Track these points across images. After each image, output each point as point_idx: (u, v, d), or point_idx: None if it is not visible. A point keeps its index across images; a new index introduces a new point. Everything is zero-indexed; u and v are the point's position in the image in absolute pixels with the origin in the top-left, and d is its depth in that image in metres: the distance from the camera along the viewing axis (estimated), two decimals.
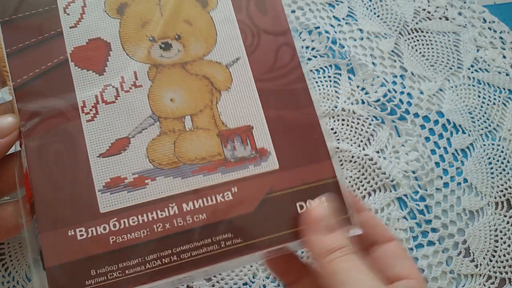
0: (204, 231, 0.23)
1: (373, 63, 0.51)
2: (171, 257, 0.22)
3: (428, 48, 0.52)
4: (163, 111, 0.25)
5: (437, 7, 0.55)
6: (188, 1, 0.26)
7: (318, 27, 0.52)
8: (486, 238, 0.43)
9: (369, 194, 0.44)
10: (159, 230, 0.23)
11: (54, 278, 0.21)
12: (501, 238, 0.43)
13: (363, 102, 0.49)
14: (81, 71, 0.24)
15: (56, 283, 0.21)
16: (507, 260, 0.42)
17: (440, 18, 0.54)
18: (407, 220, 0.44)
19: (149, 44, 0.25)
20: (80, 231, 0.22)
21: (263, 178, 0.25)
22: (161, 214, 0.23)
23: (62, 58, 0.24)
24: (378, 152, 0.46)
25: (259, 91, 0.26)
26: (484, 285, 0.42)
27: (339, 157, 0.45)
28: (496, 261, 0.42)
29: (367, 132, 0.47)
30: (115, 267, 0.21)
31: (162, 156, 0.24)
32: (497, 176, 0.46)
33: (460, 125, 0.48)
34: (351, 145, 0.46)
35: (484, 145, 0.48)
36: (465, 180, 0.46)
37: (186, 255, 0.22)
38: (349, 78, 0.50)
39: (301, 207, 0.24)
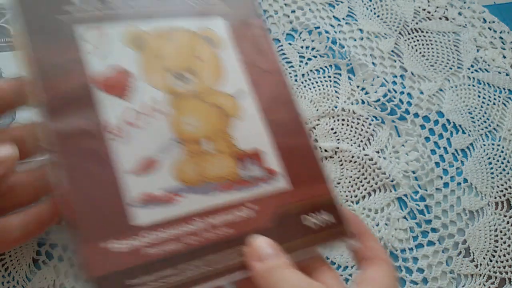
0: (227, 244, 0.25)
1: (373, 63, 0.51)
2: (201, 267, 0.24)
3: (428, 48, 0.52)
4: (182, 134, 0.27)
5: (437, 7, 0.55)
6: (200, 41, 0.29)
7: (318, 27, 0.52)
8: (486, 238, 0.43)
9: (369, 194, 0.44)
10: (187, 242, 0.24)
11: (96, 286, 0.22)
12: (501, 238, 0.43)
13: (363, 102, 0.49)
14: (103, 93, 0.26)
15: None
16: (507, 260, 0.42)
17: (440, 18, 0.54)
18: (407, 220, 0.44)
19: (166, 74, 0.28)
20: (113, 243, 0.23)
21: (274, 194, 0.27)
22: (191, 227, 0.25)
23: (88, 84, 0.25)
24: (378, 152, 0.46)
25: (266, 119, 0.29)
26: (484, 285, 0.42)
27: (339, 157, 0.45)
28: (496, 261, 0.42)
29: (367, 132, 0.47)
30: (148, 278, 0.23)
31: (186, 175, 0.26)
32: (497, 176, 0.46)
33: (460, 125, 0.48)
34: (351, 145, 0.46)
35: (484, 145, 0.48)
36: (465, 180, 0.46)
37: (215, 265, 0.24)
38: (349, 78, 0.50)
39: (304, 219, 0.27)
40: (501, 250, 0.43)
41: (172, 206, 0.25)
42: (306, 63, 0.50)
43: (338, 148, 0.46)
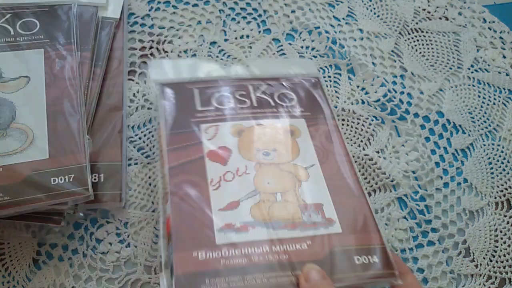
0: (287, 266, 0.33)
1: (373, 63, 0.51)
2: (262, 279, 0.32)
3: (428, 48, 0.52)
4: (262, 188, 0.38)
5: (437, 7, 0.55)
6: (282, 131, 0.41)
7: (318, 27, 0.52)
8: (486, 238, 0.43)
9: (369, 194, 0.44)
10: (254, 260, 0.33)
11: (180, 283, 0.32)
12: (501, 238, 0.43)
13: (363, 102, 0.49)
14: (211, 162, 0.38)
15: (181, 286, 0.32)
16: (507, 260, 0.42)
17: (440, 18, 0.54)
18: (407, 220, 0.44)
19: (256, 152, 0.40)
20: (202, 254, 0.33)
21: (330, 237, 0.35)
22: (257, 250, 0.34)
23: (201, 155, 0.39)
24: (378, 152, 0.46)
25: (328, 185, 0.38)
26: (484, 285, 0.42)
27: None
28: (496, 261, 0.42)
29: (367, 132, 0.47)
30: (223, 280, 0.32)
31: (260, 214, 0.36)
32: (497, 176, 0.46)
33: (460, 125, 0.48)
34: (351, 145, 0.46)
35: (484, 145, 0.48)
36: (465, 180, 0.46)
37: (272, 280, 0.32)
38: (349, 78, 0.50)
39: (358, 259, 0.34)
40: (501, 250, 0.43)
41: (245, 233, 0.35)
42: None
43: None
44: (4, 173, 0.37)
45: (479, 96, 0.50)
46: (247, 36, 0.51)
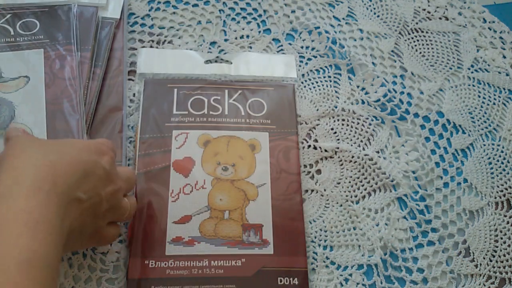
0: (220, 280, 0.38)
1: (373, 63, 0.51)
2: None
3: (428, 48, 0.52)
4: (214, 204, 0.41)
5: (437, 7, 0.55)
6: (244, 146, 0.44)
7: (318, 27, 0.52)
8: (486, 238, 0.43)
9: (369, 194, 0.44)
10: (194, 273, 0.38)
11: (131, 286, 0.37)
12: (501, 238, 0.43)
13: (363, 102, 0.48)
14: (175, 173, 0.42)
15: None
16: (507, 260, 0.42)
17: (440, 18, 0.54)
18: (407, 220, 0.44)
19: (216, 166, 0.43)
20: (152, 262, 0.38)
21: (262, 257, 0.39)
22: (198, 264, 0.38)
23: (168, 164, 0.42)
24: (378, 152, 0.46)
25: (273, 205, 0.41)
26: (484, 285, 0.41)
27: (339, 157, 0.45)
28: (496, 261, 0.42)
29: (367, 132, 0.47)
30: (166, 287, 0.37)
31: (206, 230, 0.40)
32: (497, 176, 0.46)
33: (460, 125, 0.48)
34: (351, 145, 0.46)
35: (484, 145, 0.48)
36: (465, 180, 0.46)
37: None
38: (349, 78, 0.50)
39: (281, 281, 0.38)
40: (501, 250, 0.43)
41: (191, 247, 0.39)
42: (306, 63, 0.50)
43: (338, 148, 0.46)
44: None
45: (479, 96, 0.50)
46: (247, 36, 0.51)
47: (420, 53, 0.52)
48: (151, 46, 0.49)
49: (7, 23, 0.46)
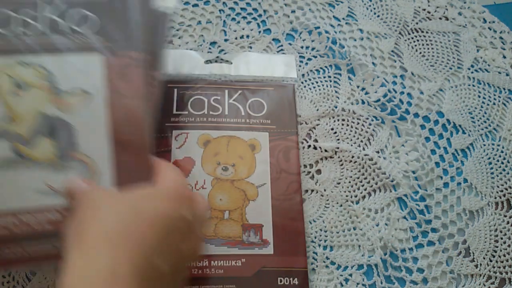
0: (220, 280, 0.38)
1: (373, 63, 0.51)
2: None
3: (428, 48, 0.52)
4: (214, 204, 0.41)
5: (437, 7, 0.55)
6: (244, 146, 0.43)
7: (318, 27, 0.52)
8: (486, 238, 0.43)
9: (369, 194, 0.44)
10: (194, 273, 0.38)
11: None
12: (501, 238, 0.43)
13: (363, 102, 0.48)
14: None
15: None
16: (507, 260, 0.42)
17: (440, 18, 0.54)
18: (407, 220, 0.44)
19: (216, 166, 0.42)
20: None
21: (262, 257, 0.39)
22: (198, 264, 0.38)
23: None
24: (378, 152, 0.46)
25: (273, 205, 0.41)
26: (484, 285, 0.42)
27: (339, 157, 0.45)
28: (496, 261, 0.42)
29: (367, 132, 0.47)
30: None
31: (207, 230, 0.40)
32: (497, 176, 0.46)
33: (460, 125, 0.48)
34: (351, 145, 0.46)
35: (484, 145, 0.48)
36: (465, 180, 0.46)
37: None
38: (349, 78, 0.50)
39: (281, 281, 0.38)
40: (501, 250, 0.43)
41: None
42: (306, 63, 0.50)
43: (338, 148, 0.46)
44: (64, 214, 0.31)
45: (479, 96, 0.50)
46: (247, 36, 0.51)
47: (420, 53, 0.52)
48: None
49: (59, 15, 0.33)
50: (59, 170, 0.31)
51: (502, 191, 0.45)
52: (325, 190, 0.44)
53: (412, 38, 0.53)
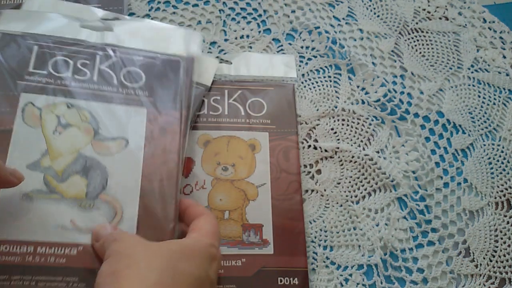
0: (220, 280, 0.37)
1: (373, 63, 0.51)
2: None
3: (428, 48, 0.52)
4: (214, 204, 0.41)
5: (437, 7, 0.55)
6: (244, 146, 0.43)
7: (318, 27, 0.52)
8: (486, 238, 0.43)
9: (369, 194, 0.44)
10: None
11: None
12: (501, 238, 0.43)
13: (363, 102, 0.48)
14: None
15: None
16: (507, 260, 0.42)
17: (440, 18, 0.54)
18: (407, 220, 0.44)
19: (216, 166, 0.42)
20: None
21: (262, 257, 0.39)
22: None
23: None
24: (378, 152, 0.46)
25: (273, 205, 0.41)
26: (484, 285, 0.42)
27: (339, 157, 0.45)
28: (496, 261, 0.42)
29: (367, 132, 0.47)
30: None
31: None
32: (497, 176, 0.46)
33: (460, 125, 0.48)
34: (351, 145, 0.46)
35: (484, 145, 0.48)
36: (465, 180, 0.46)
37: None
38: (349, 78, 0.50)
39: (281, 281, 0.38)
40: (501, 250, 0.43)
41: None
42: (306, 63, 0.50)
43: (338, 148, 0.46)
44: (85, 252, 0.31)
45: (479, 96, 0.50)
46: (247, 36, 0.51)
47: (420, 53, 0.52)
48: None
49: (111, 68, 0.37)
50: (86, 209, 0.32)
51: (502, 191, 0.45)
52: (325, 190, 0.44)
53: (412, 38, 0.53)
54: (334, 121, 0.47)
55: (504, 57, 0.53)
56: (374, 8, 0.54)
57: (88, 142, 0.34)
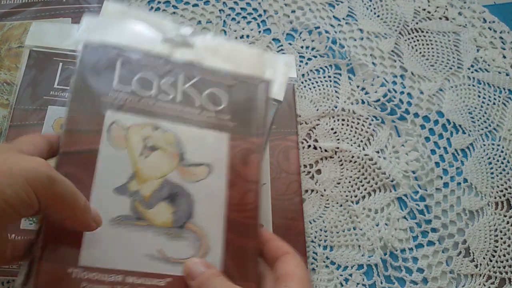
0: None
1: (373, 63, 0.51)
2: None
3: (428, 48, 0.52)
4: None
5: (437, 7, 0.55)
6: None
7: (318, 27, 0.52)
8: (486, 238, 0.43)
9: (369, 194, 0.44)
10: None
11: None
12: (501, 238, 0.43)
13: (363, 102, 0.48)
14: None
15: None
16: (507, 260, 0.42)
17: (440, 18, 0.54)
18: (407, 220, 0.44)
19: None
20: None
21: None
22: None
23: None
24: (378, 152, 0.46)
25: (272, 205, 0.40)
26: (484, 285, 0.42)
27: (339, 157, 0.45)
28: (496, 261, 0.42)
29: (367, 132, 0.47)
30: None
31: None
32: (497, 176, 0.46)
33: (460, 125, 0.48)
34: (351, 145, 0.46)
35: (484, 145, 0.48)
36: (465, 180, 0.46)
37: None
38: (349, 78, 0.50)
39: None
40: (501, 250, 0.43)
41: None
42: (306, 63, 0.50)
43: (338, 148, 0.46)
44: (174, 284, 0.30)
45: (479, 96, 0.50)
46: (247, 36, 0.51)
47: (420, 53, 0.52)
48: None
49: (194, 88, 0.35)
50: (172, 238, 0.30)
51: (502, 191, 0.45)
52: (325, 190, 0.44)
53: (412, 38, 0.53)
54: (334, 121, 0.47)
55: (504, 57, 0.53)
56: (374, 8, 0.54)
57: (174, 167, 0.32)
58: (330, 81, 0.49)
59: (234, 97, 0.35)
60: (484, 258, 0.42)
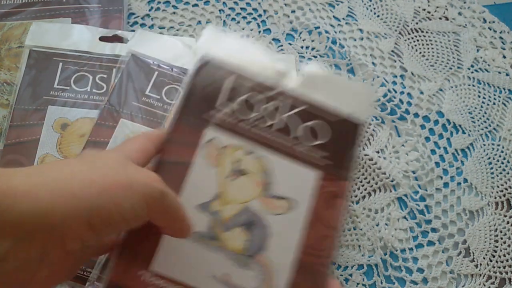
0: None
1: (373, 63, 0.51)
2: None
3: (428, 48, 0.52)
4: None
5: (437, 7, 0.55)
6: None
7: (318, 27, 0.52)
8: (486, 238, 0.43)
9: (369, 194, 0.44)
10: None
11: None
12: (501, 238, 0.43)
13: None
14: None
15: None
16: (507, 260, 0.42)
17: (440, 18, 0.54)
18: (407, 220, 0.44)
19: None
20: None
21: None
22: None
23: None
24: (378, 152, 0.46)
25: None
26: (484, 285, 0.42)
27: None
28: (496, 261, 0.42)
29: (367, 132, 0.47)
30: None
31: None
32: (497, 176, 0.46)
33: (460, 125, 0.48)
34: None
35: (484, 145, 0.48)
36: (465, 180, 0.46)
37: None
38: (349, 78, 0.50)
39: None
40: (501, 250, 0.43)
41: None
42: (306, 63, 0.50)
43: None
44: None
45: (479, 96, 0.50)
46: (247, 36, 0.51)
47: (420, 53, 0.52)
48: None
49: (292, 119, 0.33)
50: (240, 266, 0.30)
51: (502, 191, 0.45)
52: None
53: (412, 38, 0.53)
54: None
55: (504, 57, 0.53)
56: (374, 8, 0.54)
57: (257, 195, 0.32)
58: None
59: (331, 134, 0.34)
60: (484, 258, 0.42)
